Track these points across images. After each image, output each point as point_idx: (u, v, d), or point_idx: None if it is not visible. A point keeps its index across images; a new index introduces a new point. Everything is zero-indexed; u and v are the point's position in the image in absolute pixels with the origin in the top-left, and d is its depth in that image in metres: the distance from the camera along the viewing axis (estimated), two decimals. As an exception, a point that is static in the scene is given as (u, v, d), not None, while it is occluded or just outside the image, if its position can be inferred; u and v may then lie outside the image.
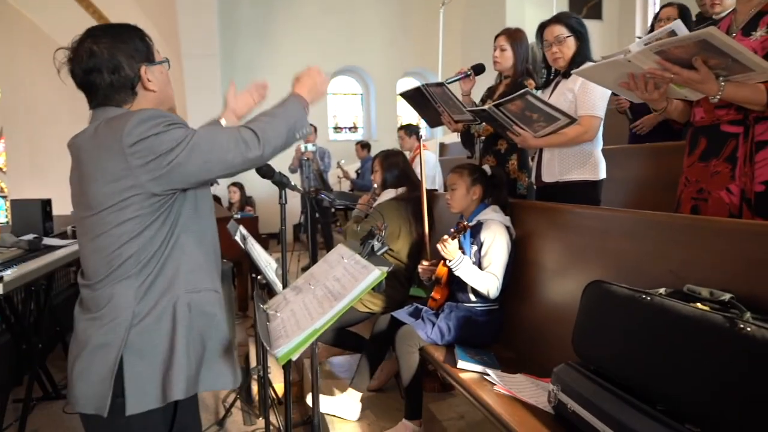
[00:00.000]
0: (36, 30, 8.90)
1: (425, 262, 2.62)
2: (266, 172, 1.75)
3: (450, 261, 2.29)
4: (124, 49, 1.28)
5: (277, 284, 2.16)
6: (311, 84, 1.47)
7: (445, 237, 2.29)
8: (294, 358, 1.16)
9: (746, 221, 1.54)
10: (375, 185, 3.14)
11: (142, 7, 8.30)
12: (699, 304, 1.30)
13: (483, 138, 2.96)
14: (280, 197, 1.74)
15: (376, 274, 1.23)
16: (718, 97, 1.53)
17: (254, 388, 3.18)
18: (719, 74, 1.51)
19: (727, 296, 1.29)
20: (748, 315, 1.19)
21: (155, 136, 1.21)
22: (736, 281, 1.36)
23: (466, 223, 2.33)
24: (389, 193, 3.06)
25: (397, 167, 3.11)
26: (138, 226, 1.25)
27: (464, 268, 2.28)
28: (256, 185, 8.52)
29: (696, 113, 1.78)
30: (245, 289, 5.03)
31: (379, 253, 1.43)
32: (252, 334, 3.98)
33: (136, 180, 1.22)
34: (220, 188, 6.52)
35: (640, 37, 3.62)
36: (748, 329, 1.14)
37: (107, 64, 1.26)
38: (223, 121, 1.67)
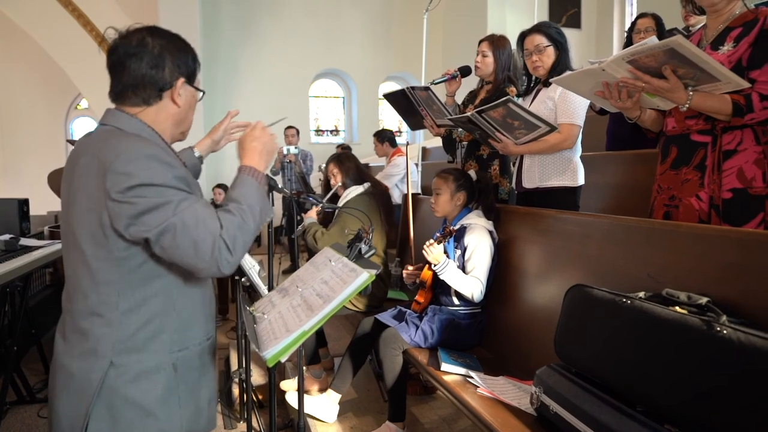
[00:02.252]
0: (10, 25, 8.70)
1: (410, 267, 2.64)
2: (253, 174, 1.75)
3: (435, 265, 2.32)
4: (175, 54, 1.25)
5: (262, 287, 2.16)
6: (260, 148, 1.34)
7: (431, 241, 2.32)
8: (283, 359, 1.17)
9: (720, 227, 1.60)
10: (338, 184, 3.16)
11: (122, 5, 8.20)
12: (677, 308, 1.34)
13: (465, 143, 2.99)
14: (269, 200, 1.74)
15: (365, 276, 1.24)
16: (687, 105, 1.59)
17: (235, 391, 3.16)
18: (688, 84, 1.58)
19: (704, 300, 1.33)
20: (724, 318, 1.23)
21: (144, 201, 1.12)
22: (712, 285, 1.41)
23: (452, 228, 2.36)
24: (356, 189, 3.10)
25: (353, 170, 3.16)
26: (112, 264, 1.16)
27: (449, 272, 2.30)
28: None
29: (668, 123, 1.84)
30: (226, 291, 4.98)
31: (366, 256, 1.45)
32: (233, 338, 3.94)
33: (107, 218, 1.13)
34: (203, 188, 6.46)
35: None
36: (725, 332, 1.18)
37: (151, 57, 1.22)
38: (196, 152, 1.72)
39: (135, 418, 1.18)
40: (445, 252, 2.36)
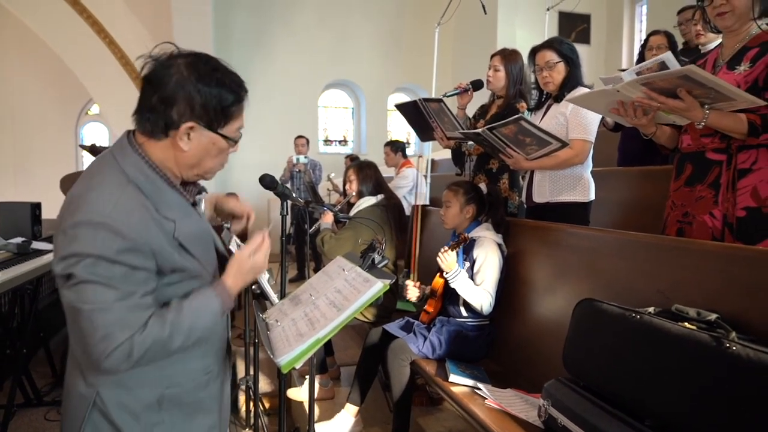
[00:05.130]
0: (25, 30, 8.83)
1: (410, 282, 2.63)
2: (269, 183, 1.78)
3: (447, 273, 2.34)
4: (192, 96, 1.09)
5: (272, 295, 2.18)
6: (249, 270, 1.25)
7: (445, 248, 2.34)
8: (297, 366, 1.19)
9: (730, 245, 1.61)
10: (352, 193, 3.19)
11: (136, 14, 8.31)
12: (687, 324, 1.35)
13: (474, 156, 3.02)
14: (282, 209, 1.77)
15: (379, 286, 1.26)
16: (704, 123, 1.61)
17: (241, 398, 3.17)
18: (704, 102, 1.59)
19: (713, 316, 1.34)
20: (733, 335, 1.24)
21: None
22: (721, 302, 1.42)
23: (465, 234, 2.39)
24: (369, 200, 3.13)
25: (371, 179, 3.20)
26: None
27: (460, 281, 2.32)
28: (241, 196, 8.53)
29: (683, 140, 1.86)
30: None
31: (379, 266, 1.47)
32: (239, 345, 3.96)
33: None
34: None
35: (623, 71, 3.76)
36: (734, 348, 1.19)
37: (164, 89, 1.08)
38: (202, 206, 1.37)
39: None
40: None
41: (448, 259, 2.32)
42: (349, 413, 2.50)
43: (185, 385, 1.21)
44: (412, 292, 2.59)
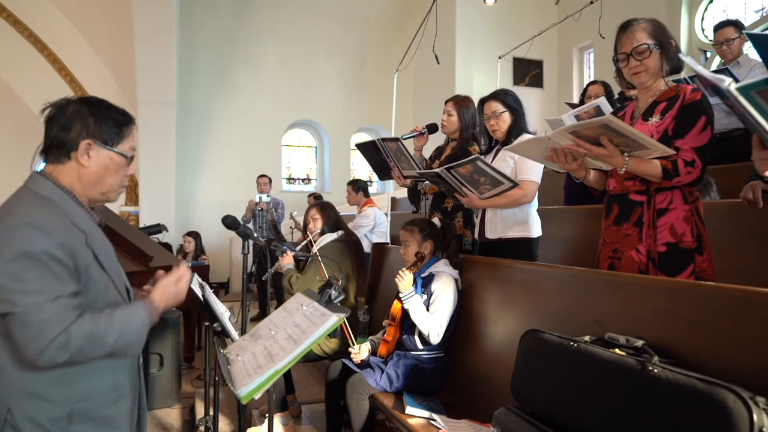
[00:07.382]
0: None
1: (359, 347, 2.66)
2: (231, 223, 1.86)
3: (402, 293, 2.45)
4: (86, 119, 1.32)
5: (233, 332, 2.22)
6: (173, 295, 1.44)
7: (402, 269, 2.46)
8: (257, 397, 1.25)
9: (654, 277, 1.76)
10: (316, 231, 3.27)
11: (99, 53, 8.34)
12: (617, 350, 1.48)
13: (430, 196, 3.16)
14: (243, 248, 1.84)
15: (334, 319, 1.35)
16: (624, 168, 1.80)
17: (200, 440, 3.13)
18: (624, 150, 1.78)
19: (640, 343, 1.48)
20: (656, 359, 1.37)
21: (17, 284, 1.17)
22: (647, 329, 1.56)
23: (423, 253, 2.55)
24: (330, 236, 3.24)
25: (332, 219, 3.33)
26: None
27: (414, 302, 2.44)
28: (204, 235, 8.49)
29: (610, 183, 2.05)
30: (192, 340, 4.93)
31: (336, 302, 1.55)
32: (199, 386, 3.91)
33: None
34: (172, 236, 6.46)
35: (571, 105, 3.98)
36: (656, 371, 1.32)
37: (63, 120, 1.31)
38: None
39: None
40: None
41: (405, 279, 2.46)
42: None
43: (95, 400, 1.30)
44: (363, 351, 2.63)
